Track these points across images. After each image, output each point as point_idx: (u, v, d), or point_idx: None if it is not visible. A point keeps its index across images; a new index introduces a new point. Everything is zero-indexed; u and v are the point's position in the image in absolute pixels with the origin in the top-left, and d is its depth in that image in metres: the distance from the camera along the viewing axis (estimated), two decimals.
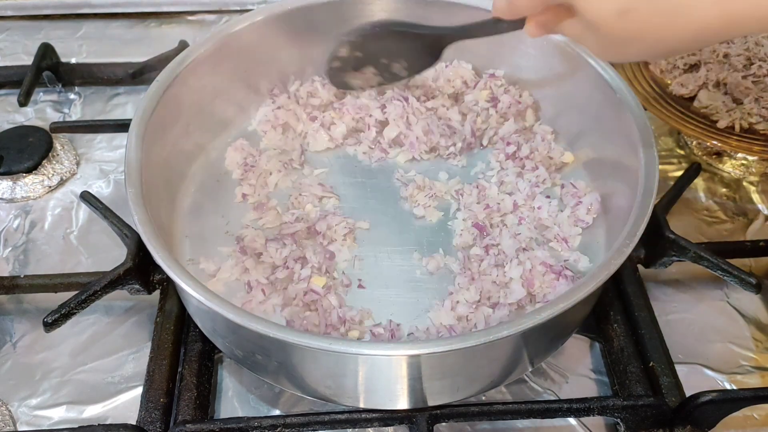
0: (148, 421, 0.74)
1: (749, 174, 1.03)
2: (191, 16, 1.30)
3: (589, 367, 0.83)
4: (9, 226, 0.96)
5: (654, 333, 0.81)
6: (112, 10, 1.28)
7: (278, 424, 0.72)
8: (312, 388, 0.72)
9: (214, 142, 0.96)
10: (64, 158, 1.03)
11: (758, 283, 0.81)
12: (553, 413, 0.75)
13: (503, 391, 0.80)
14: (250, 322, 0.64)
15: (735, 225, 0.98)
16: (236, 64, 0.95)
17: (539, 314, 0.65)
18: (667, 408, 0.74)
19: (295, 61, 1.01)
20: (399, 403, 0.72)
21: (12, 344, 0.84)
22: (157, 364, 0.78)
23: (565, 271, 0.79)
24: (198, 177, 0.92)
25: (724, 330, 0.87)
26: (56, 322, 0.78)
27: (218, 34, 0.93)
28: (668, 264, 0.87)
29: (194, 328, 0.81)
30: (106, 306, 0.86)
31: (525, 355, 0.73)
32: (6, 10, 1.27)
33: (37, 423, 0.78)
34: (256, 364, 0.74)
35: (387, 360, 0.67)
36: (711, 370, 0.83)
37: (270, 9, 0.96)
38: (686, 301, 0.89)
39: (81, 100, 1.14)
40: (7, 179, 0.99)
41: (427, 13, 0.99)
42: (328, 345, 0.63)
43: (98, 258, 0.92)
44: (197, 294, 0.66)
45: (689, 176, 0.94)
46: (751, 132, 0.96)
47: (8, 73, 1.14)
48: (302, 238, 0.84)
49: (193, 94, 0.90)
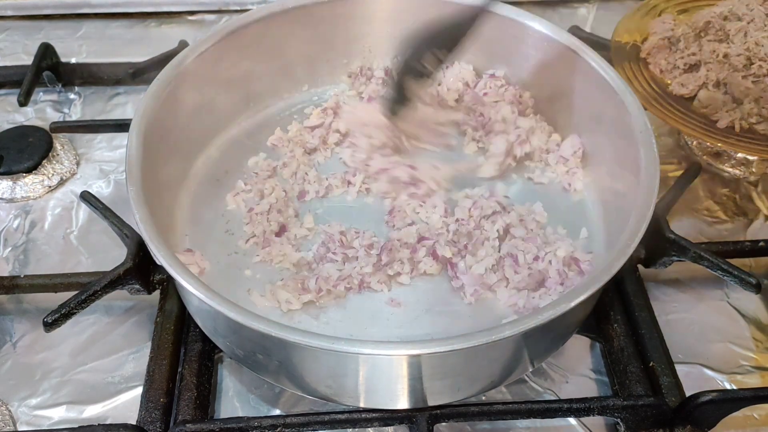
0: (148, 421, 0.74)
1: (749, 174, 1.03)
2: (191, 16, 1.30)
3: (589, 367, 0.83)
4: (9, 226, 0.96)
5: (654, 333, 0.81)
6: (112, 10, 1.28)
7: (278, 423, 0.72)
8: (312, 387, 0.72)
9: (214, 141, 0.96)
10: (64, 158, 1.03)
11: (758, 283, 0.81)
12: (553, 413, 0.75)
13: (503, 391, 0.80)
14: (252, 321, 0.64)
15: (735, 225, 0.98)
16: (236, 63, 0.95)
17: (540, 314, 0.65)
18: (667, 408, 0.74)
19: (295, 61, 1.02)
20: (399, 403, 0.72)
21: (12, 344, 0.84)
22: (157, 364, 0.78)
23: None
24: (198, 176, 0.92)
25: (724, 330, 0.87)
26: (56, 322, 0.77)
27: (218, 34, 0.93)
28: (668, 264, 0.87)
29: (194, 327, 0.81)
30: (106, 306, 0.86)
31: (525, 355, 0.73)
32: (6, 10, 1.27)
33: (37, 423, 0.78)
34: (257, 363, 0.74)
35: (388, 360, 0.67)
36: (711, 370, 0.83)
37: (270, 8, 0.96)
38: (686, 301, 0.89)
39: (81, 100, 1.14)
40: (7, 179, 0.99)
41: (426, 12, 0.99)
42: (329, 344, 0.63)
43: (98, 258, 0.92)
44: (199, 293, 0.66)
45: (689, 176, 0.94)
46: (751, 132, 0.96)
47: (8, 73, 1.14)
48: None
49: (193, 94, 0.90)
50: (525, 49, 0.97)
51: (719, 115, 0.97)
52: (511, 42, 0.97)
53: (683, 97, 1.01)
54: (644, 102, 0.96)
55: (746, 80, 0.97)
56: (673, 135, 1.09)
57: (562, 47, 0.92)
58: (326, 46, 1.02)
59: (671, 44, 1.05)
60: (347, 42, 1.03)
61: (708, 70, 1.01)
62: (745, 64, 0.98)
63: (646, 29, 1.08)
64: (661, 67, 1.04)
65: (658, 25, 1.06)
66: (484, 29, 0.94)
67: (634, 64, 1.04)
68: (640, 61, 1.06)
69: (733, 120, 0.96)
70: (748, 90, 0.97)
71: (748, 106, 0.97)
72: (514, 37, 0.97)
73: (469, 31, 0.87)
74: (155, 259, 0.70)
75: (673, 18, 1.07)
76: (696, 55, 1.03)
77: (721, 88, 1.00)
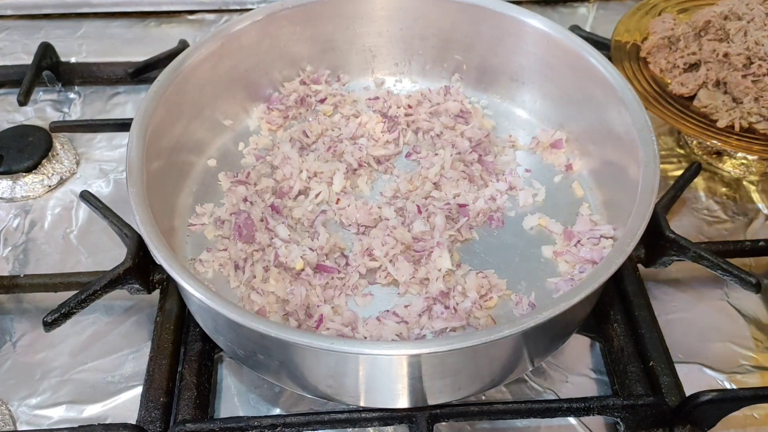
0: (148, 420, 0.74)
1: (749, 173, 1.03)
2: (191, 15, 1.30)
3: (589, 367, 0.83)
4: (9, 226, 0.96)
5: (654, 332, 0.81)
6: (112, 9, 1.28)
7: (278, 423, 0.72)
8: (313, 386, 0.72)
9: (214, 141, 0.96)
10: (64, 158, 1.03)
11: (758, 283, 0.81)
12: (553, 413, 0.75)
13: (503, 390, 0.80)
14: (252, 321, 0.64)
15: (735, 224, 0.98)
16: (237, 63, 0.95)
17: (540, 314, 0.65)
18: (666, 407, 0.74)
19: (296, 60, 1.02)
20: (399, 402, 0.72)
21: (12, 344, 0.84)
22: (157, 364, 0.78)
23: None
24: (199, 176, 0.92)
25: (724, 329, 0.87)
26: (56, 321, 0.78)
27: (218, 34, 0.93)
28: (668, 263, 0.87)
29: (194, 327, 0.81)
30: (106, 306, 0.86)
31: (525, 354, 0.73)
32: (6, 10, 1.27)
33: (36, 422, 0.78)
34: (257, 363, 0.74)
35: (388, 359, 0.67)
36: (711, 369, 0.83)
37: (270, 8, 0.96)
38: (686, 300, 0.89)
39: (81, 99, 1.14)
40: (7, 179, 0.99)
41: (426, 12, 1.00)
42: (330, 345, 0.63)
43: (98, 257, 0.92)
44: (199, 294, 0.66)
45: (689, 176, 0.94)
46: (751, 131, 0.96)
47: (8, 73, 1.14)
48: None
49: (193, 94, 0.90)
50: (526, 47, 0.97)
51: (719, 115, 0.97)
52: (511, 41, 0.97)
53: (683, 96, 1.01)
54: (644, 101, 0.96)
55: (746, 79, 0.97)
56: (673, 134, 1.09)
57: (563, 46, 0.92)
58: (326, 45, 1.02)
59: (671, 43, 1.05)
60: (347, 42, 1.03)
61: (708, 69, 1.01)
62: (745, 64, 0.98)
63: (646, 28, 1.08)
64: (661, 66, 1.04)
65: (658, 25, 1.07)
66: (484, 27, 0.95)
67: (633, 64, 1.05)
68: (640, 60, 1.06)
69: (732, 119, 0.96)
70: (748, 89, 0.97)
71: (748, 105, 0.97)
72: (515, 36, 0.97)
73: None
74: (155, 259, 0.70)
75: (673, 17, 1.07)
76: (696, 55, 1.03)
77: (721, 88, 1.00)
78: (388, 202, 0.89)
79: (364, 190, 0.92)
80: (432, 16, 1.00)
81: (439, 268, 0.81)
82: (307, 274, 0.81)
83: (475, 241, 0.87)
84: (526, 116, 1.01)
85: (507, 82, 1.02)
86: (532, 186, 0.93)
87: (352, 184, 0.92)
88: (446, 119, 0.98)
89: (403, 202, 0.89)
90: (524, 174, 0.94)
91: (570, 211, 0.90)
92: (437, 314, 0.77)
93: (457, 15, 0.98)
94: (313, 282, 0.80)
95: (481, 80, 1.03)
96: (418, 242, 0.83)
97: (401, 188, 0.91)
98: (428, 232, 0.84)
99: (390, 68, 1.06)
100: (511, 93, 1.02)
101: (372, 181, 0.94)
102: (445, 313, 0.77)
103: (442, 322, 0.77)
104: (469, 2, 0.96)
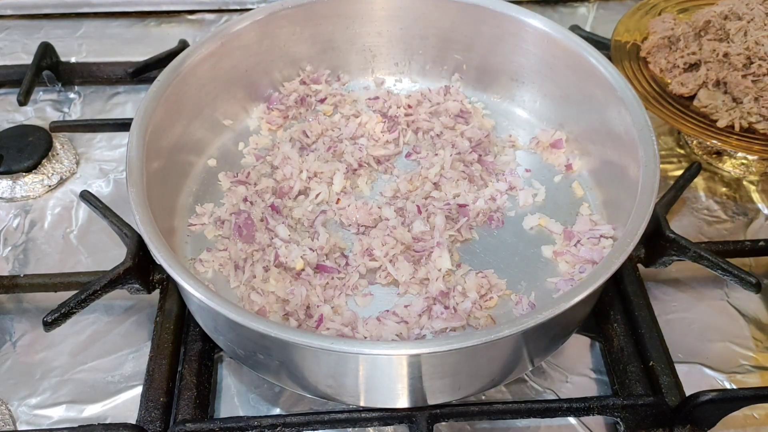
0: (148, 420, 0.74)
1: (749, 173, 1.03)
2: (191, 15, 1.30)
3: (589, 367, 0.83)
4: (9, 226, 0.96)
5: (654, 332, 0.81)
6: (112, 9, 1.28)
7: (278, 423, 0.72)
8: (313, 386, 0.72)
9: (214, 141, 0.96)
10: (64, 157, 1.03)
11: (758, 283, 0.81)
12: (553, 413, 0.75)
13: (503, 390, 0.80)
14: (252, 321, 0.64)
15: (735, 224, 0.98)
16: (236, 63, 0.95)
17: (539, 314, 0.65)
18: (666, 407, 0.74)
19: (296, 60, 1.02)
20: (399, 402, 0.72)
21: (12, 343, 0.84)
22: (157, 364, 0.78)
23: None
24: (199, 176, 0.92)
25: (724, 329, 0.87)
26: (56, 321, 0.78)
27: (218, 34, 0.93)
28: (668, 263, 0.87)
29: (194, 327, 0.81)
30: (105, 305, 0.86)
31: (525, 354, 0.73)
32: (6, 9, 1.27)
33: (36, 422, 0.78)
34: (257, 363, 0.74)
35: (388, 359, 0.67)
36: (711, 369, 0.83)
37: (270, 8, 0.96)
38: (686, 300, 0.89)
39: (81, 99, 1.14)
40: (7, 178, 0.99)
41: (426, 11, 1.00)
42: (330, 344, 0.63)
43: (98, 257, 0.92)
44: (199, 294, 0.66)
45: (689, 176, 0.95)
46: (751, 131, 0.96)
47: (8, 73, 1.14)
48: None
49: (193, 94, 0.90)
50: (525, 47, 0.97)
51: (719, 115, 0.97)
52: (511, 40, 0.97)
53: (683, 96, 1.01)
54: (644, 101, 0.96)
55: (746, 79, 0.97)
56: (673, 134, 1.09)
57: (563, 46, 0.92)
58: (326, 45, 1.02)
59: (671, 43, 1.05)
60: (347, 42, 1.03)
61: (708, 69, 1.01)
62: (745, 63, 0.98)
63: (646, 28, 1.08)
64: (661, 66, 1.04)
65: (658, 25, 1.07)
66: (484, 27, 0.94)
67: (633, 63, 1.05)
68: (640, 60, 1.06)
69: (732, 119, 0.96)
70: (748, 89, 0.97)
71: (747, 105, 0.97)
72: (515, 36, 0.97)
73: None
74: (155, 259, 0.70)
75: (673, 17, 1.07)
76: (696, 55, 1.03)
77: (721, 88, 1.00)
78: (388, 202, 0.89)
79: (364, 190, 0.92)
80: (432, 16, 1.00)
81: (439, 268, 0.81)
82: (307, 274, 0.81)
83: (475, 241, 0.87)
84: (526, 116, 1.02)
85: (507, 82, 1.02)
86: (532, 186, 0.93)
87: (352, 184, 0.93)
88: (446, 119, 0.98)
89: (403, 202, 0.89)
90: (524, 174, 0.94)
91: (570, 211, 0.90)
92: (437, 314, 0.77)
93: (457, 15, 0.98)
94: (313, 282, 0.80)
95: (481, 80, 1.03)
96: (418, 242, 0.84)
97: (401, 188, 0.91)
98: (428, 232, 0.84)
99: (390, 68, 1.06)
100: (510, 93, 1.02)
101: (372, 181, 0.94)
102: (445, 313, 0.77)
103: (442, 322, 0.77)
104: (469, 2, 0.96)
